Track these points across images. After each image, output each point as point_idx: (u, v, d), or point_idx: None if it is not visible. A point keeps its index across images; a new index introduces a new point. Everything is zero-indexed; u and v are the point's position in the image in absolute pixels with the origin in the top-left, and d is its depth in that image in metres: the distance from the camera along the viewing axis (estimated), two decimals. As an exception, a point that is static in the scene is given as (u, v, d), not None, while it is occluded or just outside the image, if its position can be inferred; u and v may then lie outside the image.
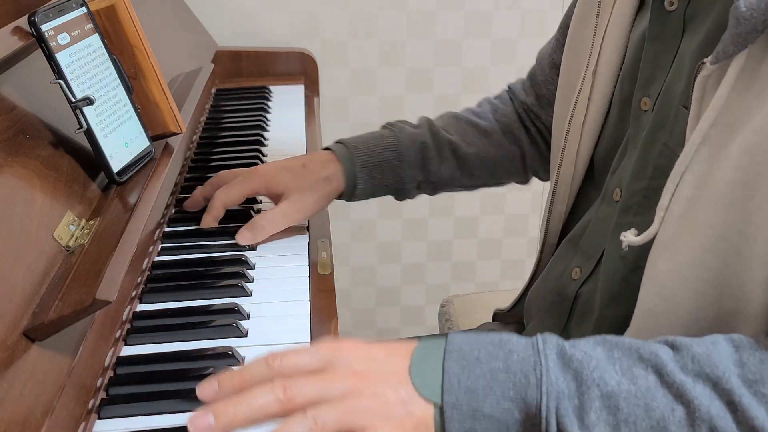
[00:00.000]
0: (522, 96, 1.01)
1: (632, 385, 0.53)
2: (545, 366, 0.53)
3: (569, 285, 0.79)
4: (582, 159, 0.82)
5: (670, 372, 0.53)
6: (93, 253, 0.64)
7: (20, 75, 0.73)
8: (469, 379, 0.53)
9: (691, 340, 0.55)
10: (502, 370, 0.53)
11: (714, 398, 0.52)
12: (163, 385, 0.64)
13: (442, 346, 0.56)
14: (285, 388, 0.52)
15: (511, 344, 0.55)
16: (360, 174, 0.92)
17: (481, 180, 0.99)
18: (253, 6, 1.55)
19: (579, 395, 0.53)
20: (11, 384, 0.52)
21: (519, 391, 0.53)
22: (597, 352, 0.54)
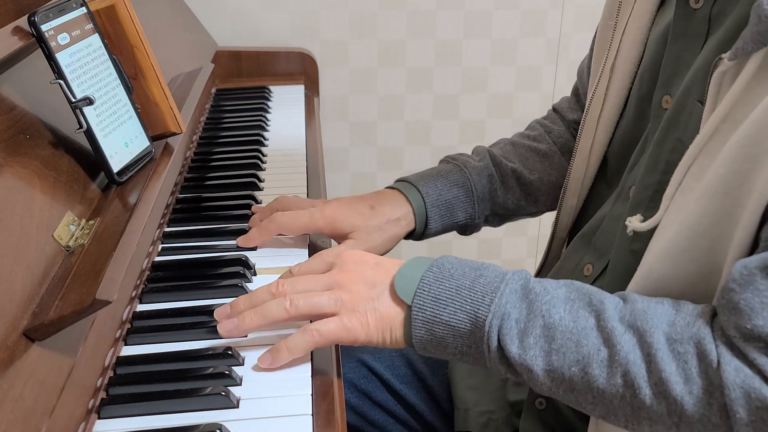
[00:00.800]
0: (570, 115, 0.99)
1: (572, 323, 0.60)
2: (501, 291, 0.62)
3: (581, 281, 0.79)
4: (595, 154, 0.82)
5: (608, 318, 0.59)
6: (93, 253, 0.64)
7: (20, 75, 0.73)
8: (438, 290, 0.64)
9: (640, 297, 0.61)
10: (467, 288, 0.63)
11: (635, 348, 0.58)
12: (163, 385, 0.64)
13: (431, 261, 0.66)
14: (278, 285, 0.67)
15: (485, 270, 0.65)
16: (431, 214, 0.90)
17: (546, 204, 0.97)
18: (253, 6, 1.55)
19: (526, 321, 0.61)
20: (11, 384, 0.52)
21: (473, 306, 0.63)
22: (558, 292, 0.63)
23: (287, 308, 0.65)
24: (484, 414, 0.88)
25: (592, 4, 1.62)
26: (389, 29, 1.60)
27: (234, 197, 0.98)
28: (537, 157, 0.96)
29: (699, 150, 0.61)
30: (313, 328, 0.65)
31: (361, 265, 0.68)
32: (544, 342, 0.60)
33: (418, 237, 0.92)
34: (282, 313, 0.66)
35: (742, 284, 0.55)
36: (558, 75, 1.69)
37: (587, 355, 0.59)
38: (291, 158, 1.14)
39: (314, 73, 1.53)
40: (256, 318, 0.66)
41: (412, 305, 0.64)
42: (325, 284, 0.67)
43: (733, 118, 0.58)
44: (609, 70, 0.79)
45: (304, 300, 0.65)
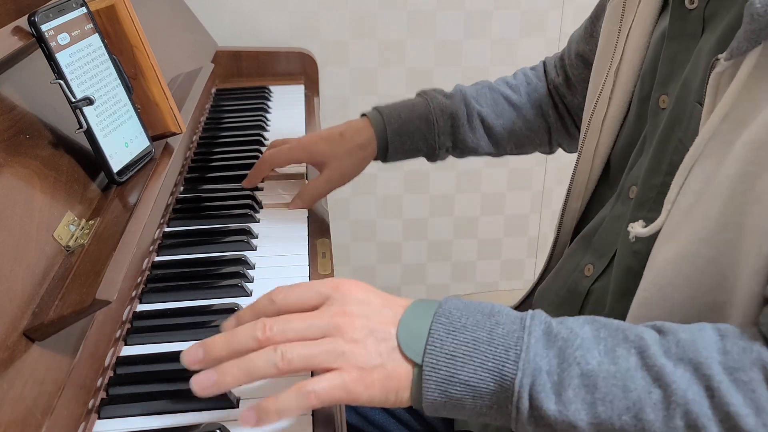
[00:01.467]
0: (552, 74, 1.04)
1: (612, 365, 0.54)
2: (527, 342, 0.55)
3: (581, 281, 0.80)
4: (600, 157, 0.83)
5: (653, 355, 0.54)
6: (93, 253, 0.64)
7: (20, 75, 0.73)
8: (452, 345, 0.55)
9: (678, 326, 0.56)
10: (485, 341, 0.55)
11: (693, 383, 0.52)
12: (163, 385, 0.64)
13: (434, 308, 0.58)
14: (265, 327, 0.56)
15: (500, 316, 0.57)
16: (392, 140, 0.99)
17: (507, 149, 1.05)
18: (253, 6, 1.55)
19: (560, 372, 0.54)
20: (11, 384, 0.52)
21: (497, 363, 0.55)
22: (584, 331, 0.56)
23: (278, 365, 0.55)
24: None
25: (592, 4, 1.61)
26: (389, 29, 1.60)
27: (234, 197, 0.98)
28: (507, 105, 1.03)
29: (699, 152, 0.60)
30: (310, 390, 0.55)
31: (366, 306, 0.58)
32: (585, 393, 0.54)
33: (382, 159, 1.01)
34: (271, 371, 0.55)
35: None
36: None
37: (638, 400, 0.53)
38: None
39: (314, 73, 1.53)
40: (239, 374, 0.55)
41: (423, 364, 0.55)
42: (323, 329, 0.56)
43: (732, 118, 0.58)
44: (614, 73, 0.79)
45: (298, 355, 0.55)
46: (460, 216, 1.78)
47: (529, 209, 1.81)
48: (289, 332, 0.56)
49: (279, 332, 0.56)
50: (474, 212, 1.79)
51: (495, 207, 1.79)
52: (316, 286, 0.59)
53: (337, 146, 0.98)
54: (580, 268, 0.80)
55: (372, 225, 1.76)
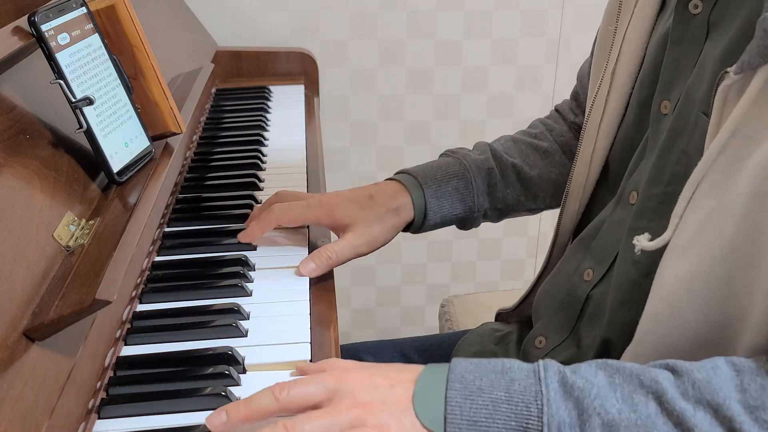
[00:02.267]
0: (571, 116, 0.99)
1: (632, 413, 0.53)
2: (546, 396, 0.54)
3: (580, 286, 0.79)
4: (597, 159, 0.82)
5: (671, 399, 0.53)
6: (93, 253, 0.64)
7: (20, 75, 0.73)
8: (471, 410, 0.54)
9: (692, 365, 0.55)
10: (504, 401, 0.54)
11: (715, 425, 0.52)
12: (163, 386, 0.64)
13: (445, 374, 0.57)
14: (287, 429, 0.53)
15: (513, 372, 0.56)
16: (431, 204, 0.89)
17: (546, 202, 0.97)
18: (253, 6, 1.55)
19: (580, 424, 0.53)
20: (11, 384, 0.52)
21: (521, 421, 0.54)
22: (598, 379, 0.55)
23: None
24: None
25: (592, 4, 1.62)
26: (389, 29, 1.60)
27: (234, 197, 0.98)
28: (537, 154, 0.96)
29: (708, 167, 0.59)
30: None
31: (375, 391, 0.57)
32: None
33: (416, 229, 0.91)
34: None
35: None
36: (558, 75, 1.69)
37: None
38: (291, 158, 1.14)
39: (314, 73, 1.53)
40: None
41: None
42: (345, 423, 0.55)
43: (742, 133, 0.57)
44: (610, 75, 0.78)
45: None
46: (460, 216, 1.78)
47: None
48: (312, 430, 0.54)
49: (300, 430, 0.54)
50: (474, 212, 1.79)
51: (495, 207, 1.79)
52: (320, 381, 0.58)
53: (367, 210, 0.85)
54: (580, 272, 0.80)
55: (372, 225, 1.76)
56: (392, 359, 0.97)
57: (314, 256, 0.82)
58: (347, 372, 0.58)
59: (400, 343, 1.01)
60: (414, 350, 0.99)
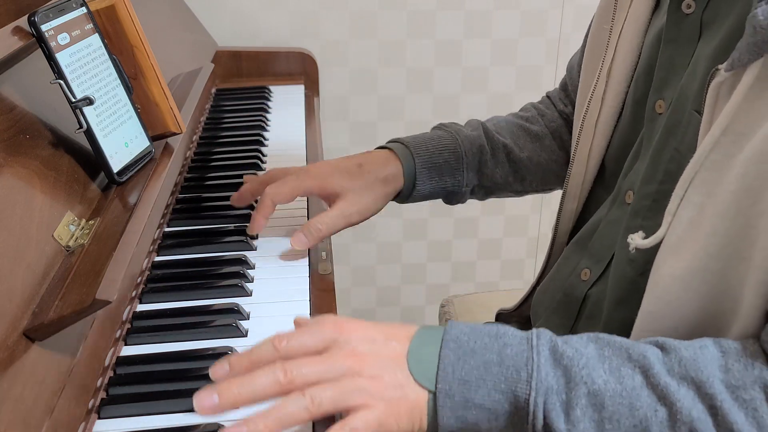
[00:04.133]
0: (560, 105, 1.00)
1: (618, 384, 0.55)
2: (537, 362, 0.56)
3: (578, 286, 0.79)
4: (594, 159, 0.82)
5: (657, 374, 0.54)
6: (93, 253, 0.64)
7: (20, 75, 0.73)
8: (463, 370, 0.56)
9: (680, 343, 0.57)
10: (496, 363, 0.56)
11: (697, 402, 0.53)
12: (163, 385, 0.64)
13: (440, 334, 0.58)
14: (285, 371, 0.55)
15: (506, 337, 0.58)
16: (420, 174, 0.89)
17: (532, 185, 0.97)
18: (253, 6, 1.55)
19: (567, 391, 0.55)
20: (11, 384, 0.52)
21: (510, 384, 0.55)
22: (588, 350, 0.57)
23: (309, 409, 0.54)
24: None
25: (592, 4, 1.61)
26: (389, 29, 1.60)
27: (234, 197, 0.98)
28: (528, 137, 0.96)
29: (700, 164, 0.59)
30: (351, 427, 0.54)
31: (372, 344, 0.58)
32: (593, 412, 0.54)
33: (404, 198, 0.91)
34: (304, 416, 0.55)
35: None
36: (558, 75, 1.69)
37: (644, 418, 0.54)
38: (291, 158, 1.14)
39: (314, 73, 1.53)
40: (272, 425, 0.54)
41: (436, 391, 0.56)
42: (340, 371, 0.56)
43: (734, 130, 0.57)
44: (606, 74, 0.78)
45: (327, 398, 0.55)
46: (460, 216, 1.78)
47: (529, 209, 1.81)
48: (310, 375, 0.56)
49: (300, 375, 0.55)
50: (474, 212, 1.79)
51: (495, 207, 1.79)
52: (319, 331, 0.59)
53: (356, 178, 0.85)
54: (577, 272, 0.80)
55: (372, 225, 1.76)
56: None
57: (305, 229, 0.82)
58: (345, 324, 0.60)
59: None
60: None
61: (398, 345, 0.58)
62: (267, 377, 0.55)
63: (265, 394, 0.55)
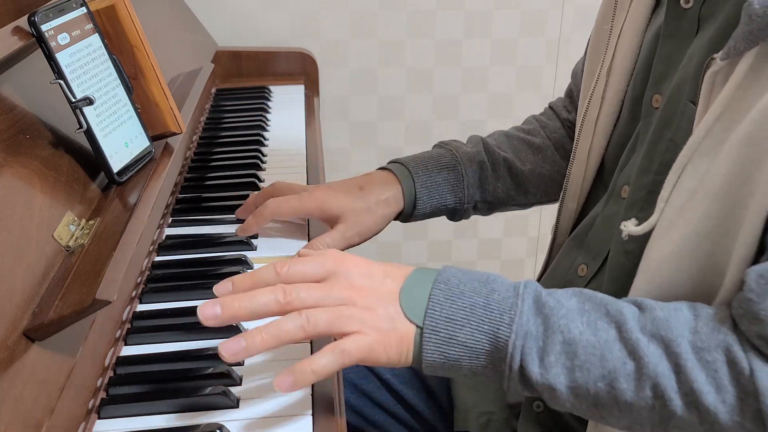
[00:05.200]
0: (564, 114, 1.00)
1: (593, 336, 0.58)
2: (520, 308, 0.59)
3: (576, 282, 0.79)
4: (594, 157, 0.82)
5: (630, 329, 0.58)
6: (93, 253, 0.64)
7: (20, 75, 0.73)
8: (450, 309, 0.60)
9: (657, 304, 0.60)
10: (482, 306, 0.60)
11: (663, 359, 0.56)
12: (163, 385, 0.64)
13: (434, 275, 0.62)
14: (285, 293, 0.59)
15: (495, 284, 0.61)
16: (420, 194, 0.90)
17: (536, 197, 0.98)
18: (253, 6, 1.55)
19: (544, 338, 0.58)
20: (11, 384, 0.52)
21: (493, 326, 0.59)
22: (570, 303, 0.60)
23: (305, 327, 0.58)
24: (484, 414, 0.88)
25: (592, 4, 1.62)
26: (389, 29, 1.60)
27: (234, 197, 0.98)
28: (530, 150, 0.96)
29: (693, 151, 0.60)
30: (342, 349, 0.58)
31: (369, 279, 0.62)
32: (566, 359, 0.58)
33: (406, 218, 0.92)
34: (299, 334, 0.58)
35: (761, 294, 0.55)
36: (558, 75, 1.69)
37: (613, 370, 0.57)
38: (291, 158, 1.14)
39: (314, 73, 1.53)
40: (269, 339, 0.57)
41: (423, 327, 0.60)
42: (337, 298, 0.60)
43: (727, 117, 0.59)
44: (606, 73, 0.79)
45: (323, 319, 0.58)
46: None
47: (529, 209, 1.81)
48: (308, 299, 0.59)
49: (298, 298, 0.59)
50: (474, 212, 1.79)
51: (495, 207, 1.79)
52: (321, 261, 0.62)
53: (358, 201, 0.86)
54: (574, 268, 0.80)
55: (372, 225, 1.76)
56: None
57: (308, 247, 0.83)
58: (346, 258, 0.63)
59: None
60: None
61: (393, 282, 0.62)
62: (267, 296, 0.59)
63: (265, 311, 0.58)
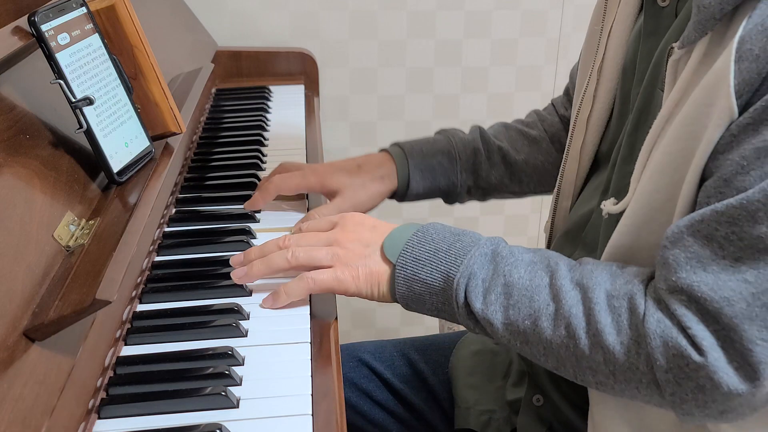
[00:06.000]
0: (562, 110, 1.04)
1: (528, 281, 0.66)
2: (472, 254, 0.69)
3: None
4: (586, 155, 0.84)
5: (559, 276, 0.66)
6: (93, 253, 0.64)
7: (20, 75, 0.73)
8: (419, 251, 0.71)
9: (593, 260, 0.68)
10: (443, 251, 0.70)
11: (578, 302, 0.64)
12: (163, 385, 0.64)
13: (418, 226, 0.73)
14: (285, 239, 0.75)
15: (464, 236, 0.71)
16: (414, 175, 0.96)
17: (530, 186, 1.02)
18: (253, 6, 1.55)
19: (490, 280, 0.68)
20: (11, 384, 0.52)
21: (446, 266, 0.69)
22: (523, 256, 0.69)
23: (288, 259, 0.73)
24: (485, 413, 0.89)
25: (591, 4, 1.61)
26: (389, 29, 1.60)
27: (234, 197, 0.98)
28: (526, 141, 1.02)
29: (658, 133, 0.65)
30: (309, 276, 0.72)
31: (360, 226, 0.75)
32: (504, 299, 0.67)
33: (401, 197, 0.98)
34: (283, 263, 0.73)
35: (673, 241, 0.61)
36: (558, 75, 1.69)
37: (538, 309, 0.65)
38: (291, 158, 1.14)
39: (314, 73, 1.53)
40: (262, 267, 0.74)
41: (396, 264, 0.71)
42: (326, 241, 0.74)
43: (685, 102, 0.62)
44: (597, 72, 0.81)
45: (303, 252, 0.73)
46: (460, 216, 1.78)
47: (529, 209, 1.81)
48: (301, 241, 0.75)
49: (294, 241, 0.75)
50: (474, 212, 1.79)
51: (495, 207, 1.79)
52: (329, 218, 0.78)
53: (355, 177, 0.94)
54: None
55: (372, 225, 1.76)
56: (393, 359, 0.97)
57: (303, 222, 0.89)
58: (349, 213, 0.78)
59: (400, 343, 1.01)
60: (414, 350, 0.99)
61: (378, 232, 0.74)
62: (272, 243, 0.76)
63: (268, 252, 0.75)
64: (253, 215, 0.93)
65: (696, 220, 0.60)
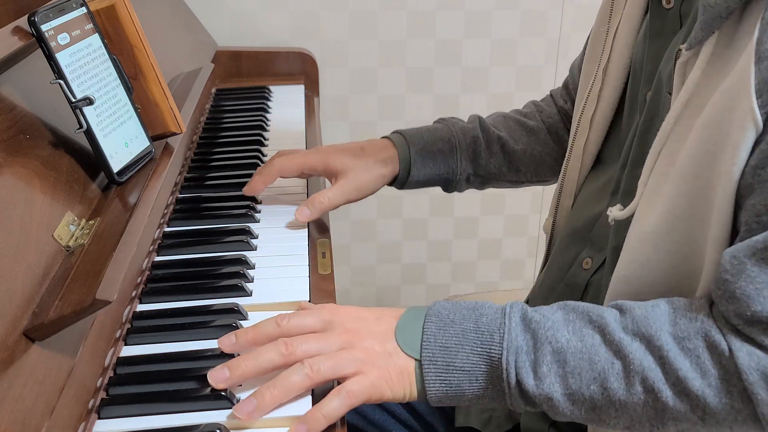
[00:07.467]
0: (560, 102, 1.05)
1: (579, 342, 0.61)
2: (508, 326, 0.63)
3: (580, 274, 0.81)
4: (589, 154, 0.84)
5: (612, 331, 0.61)
6: (93, 253, 0.64)
7: (20, 75, 0.73)
8: (444, 338, 0.63)
9: (635, 304, 0.63)
10: (472, 330, 0.63)
11: (647, 353, 0.60)
12: (163, 385, 0.64)
13: (424, 311, 0.66)
14: (287, 345, 0.63)
15: (483, 309, 0.65)
16: (415, 161, 0.96)
17: (527, 176, 1.03)
18: (253, 6, 1.55)
19: (534, 351, 0.62)
20: (11, 384, 0.52)
21: (485, 347, 0.62)
22: (555, 316, 0.64)
23: (310, 375, 0.61)
24: (486, 411, 0.89)
25: (592, 4, 1.62)
26: (389, 29, 1.60)
27: (234, 197, 0.98)
28: (524, 131, 1.02)
29: (666, 136, 0.64)
30: (348, 390, 0.61)
31: (363, 321, 0.66)
32: (557, 367, 0.61)
33: (401, 183, 0.97)
34: (306, 382, 0.61)
35: (735, 273, 0.58)
36: (558, 75, 1.69)
37: (602, 371, 0.60)
38: (291, 158, 1.14)
39: (314, 73, 1.53)
40: (278, 393, 0.60)
41: (421, 359, 0.63)
42: (336, 344, 0.64)
43: (694, 103, 0.62)
44: (602, 72, 0.82)
45: (325, 366, 0.61)
46: (460, 216, 1.78)
47: (529, 209, 1.81)
48: (309, 349, 0.63)
49: (300, 349, 0.63)
50: (474, 212, 1.79)
51: (495, 207, 1.79)
52: (317, 313, 0.66)
53: (357, 159, 0.93)
54: (579, 262, 0.81)
55: (372, 225, 1.76)
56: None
57: (308, 203, 0.90)
58: (340, 308, 0.68)
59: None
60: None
61: (386, 323, 0.66)
62: (271, 352, 0.62)
63: (270, 365, 0.62)
64: (253, 215, 0.93)
65: (758, 248, 0.57)
